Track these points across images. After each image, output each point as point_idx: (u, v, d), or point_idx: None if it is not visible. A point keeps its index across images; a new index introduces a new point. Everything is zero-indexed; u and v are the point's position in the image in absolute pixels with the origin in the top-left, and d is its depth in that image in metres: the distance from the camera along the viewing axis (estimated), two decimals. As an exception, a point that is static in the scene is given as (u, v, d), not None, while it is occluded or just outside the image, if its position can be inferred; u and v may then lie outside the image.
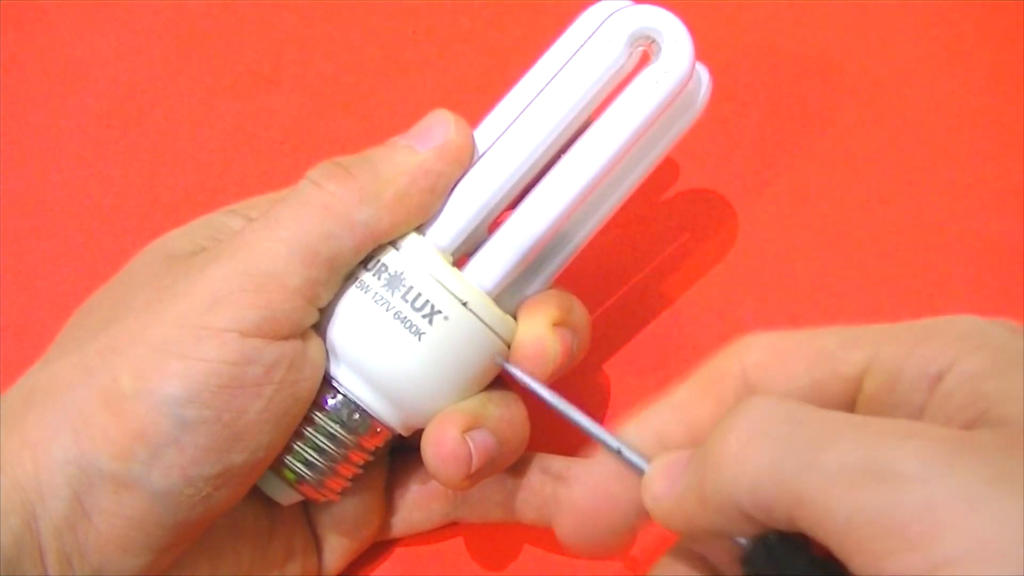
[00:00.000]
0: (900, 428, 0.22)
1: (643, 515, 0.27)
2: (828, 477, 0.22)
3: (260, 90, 0.49)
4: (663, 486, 0.26)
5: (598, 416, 0.40)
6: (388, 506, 0.38)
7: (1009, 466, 0.21)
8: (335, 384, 0.33)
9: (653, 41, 0.33)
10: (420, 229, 0.33)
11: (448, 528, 0.39)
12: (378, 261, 0.33)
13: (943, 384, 0.23)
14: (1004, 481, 0.20)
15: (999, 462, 0.21)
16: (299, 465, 0.33)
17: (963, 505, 0.20)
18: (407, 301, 0.32)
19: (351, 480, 0.35)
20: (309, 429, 0.33)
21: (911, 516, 0.20)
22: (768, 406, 0.24)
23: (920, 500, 0.21)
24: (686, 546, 0.27)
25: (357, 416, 0.33)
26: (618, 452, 0.27)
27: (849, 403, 0.25)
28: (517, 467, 0.36)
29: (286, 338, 0.31)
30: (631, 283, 0.43)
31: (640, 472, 0.27)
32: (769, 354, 0.26)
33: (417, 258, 0.33)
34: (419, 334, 0.32)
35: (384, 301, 0.32)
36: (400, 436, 0.34)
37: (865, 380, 0.25)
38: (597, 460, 0.28)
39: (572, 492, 0.29)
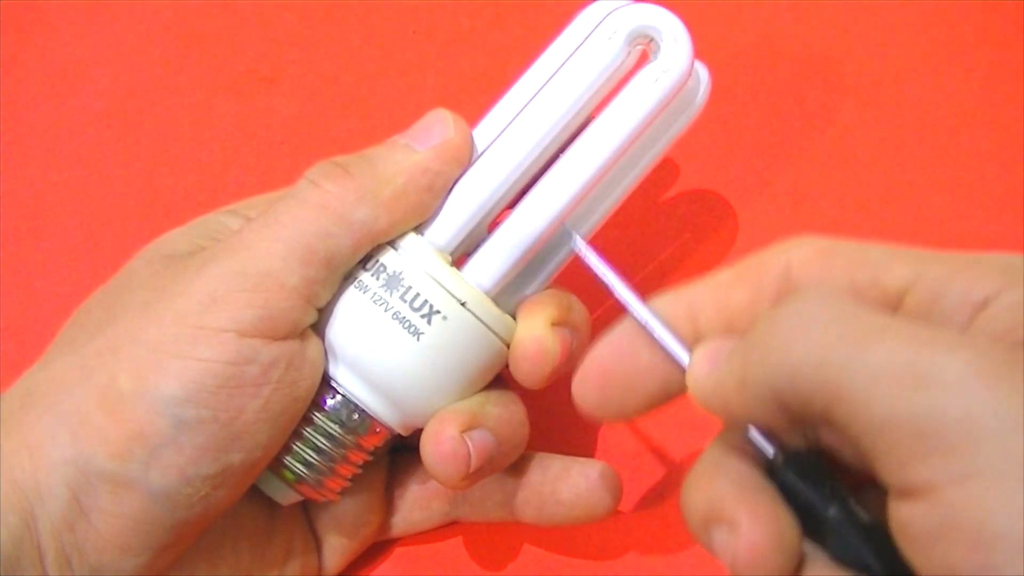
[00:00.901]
0: (950, 337, 0.22)
1: (663, 385, 0.27)
2: (872, 373, 0.21)
3: (260, 90, 0.49)
4: (705, 368, 0.25)
5: (595, 425, 0.40)
6: (388, 506, 0.38)
7: None
8: (334, 384, 0.33)
9: (652, 40, 0.33)
10: (419, 229, 0.33)
11: (448, 528, 0.39)
12: (376, 261, 0.33)
13: (987, 310, 0.23)
14: None
15: None
16: (298, 465, 0.33)
17: (1002, 421, 0.20)
18: (406, 301, 0.32)
19: (350, 480, 0.35)
20: (308, 429, 0.33)
21: (949, 423, 0.21)
22: (822, 299, 0.23)
23: (961, 409, 0.21)
24: (727, 442, 0.26)
25: (356, 416, 0.33)
26: (657, 330, 0.27)
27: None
28: (517, 467, 0.36)
29: (284, 338, 0.31)
30: (631, 283, 0.43)
31: (678, 353, 0.26)
32: (814, 254, 0.25)
33: (415, 258, 0.33)
34: (418, 334, 0.32)
35: (383, 301, 0.32)
36: (399, 436, 0.34)
37: (907, 296, 0.24)
38: (625, 325, 0.28)
39: (596, 348, 0.28)
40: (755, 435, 0.25)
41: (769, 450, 0.25)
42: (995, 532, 0.20)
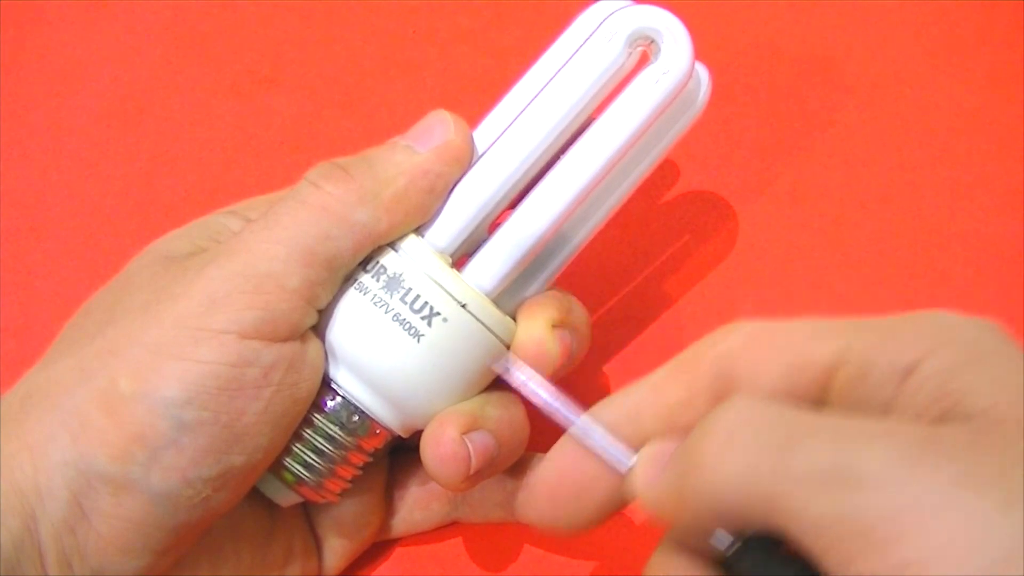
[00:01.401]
0: (867, 429, 0.22)
1: (612, 494, 0.27)
2: (798, 480, 0.22)
3: (260, 90, 0.49)
4: (646, 479, 0.26)
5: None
6: (388, 507, 0.38)
7: (974, 464, 0.21)
8: (334, 386, 0.33)
9: (652, 41, 0.33)
10: (419, 230, 0.33)
11: (448, 528, 0.39)
12: (377, 263, 0.33)
13: (913, 377, 0.24)
14: (968, 481, 0.21)
15: (964, 460, 0.21)
16: (298, 467, 0.33)
17: (927, 508, 0.21)
18: (406, 303, 0.32)
19: (350, 481, 0.35)
20: (308, 431, 0.33)
21: (876, 519, 0.21)
22: (743, 408, 0.24)
23: (885, 503, 0.21)
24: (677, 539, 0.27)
25: (356, 418, 0.33)
26: (599, 446, 0.27)
27: (821, 393, 0.25)
28: (517, 467, 0.36)
29: (285, 340, 0.31)
30: (631, 284, 0.43)
31: (620, 461, 0.27)
32: (745, 342, 0.26)
33: (416, 260, 0.33)
34: (418, 336, 0.32)
35: (383, 303, 0.32)
36: (399, 437, 0.34)
37: (838, 371, 0.25)
38: (567, 439, 0.28)
39: (541, 466, 0.28)
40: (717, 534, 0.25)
41: (723, 543, 0.25)
42: None
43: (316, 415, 0.33)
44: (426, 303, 0.32)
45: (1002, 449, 0.21)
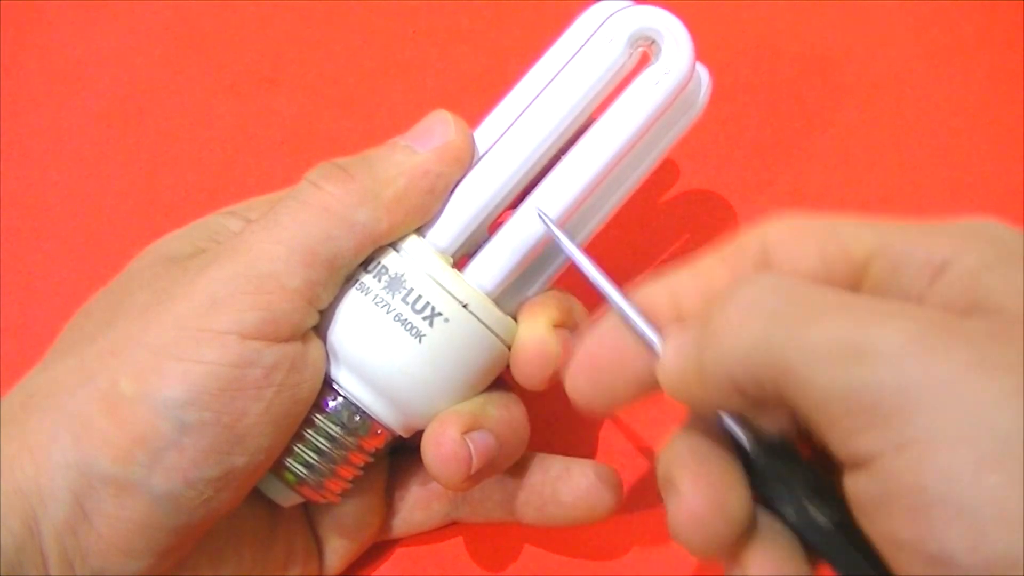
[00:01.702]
0: (887, 307, 0.22)
1: (651, 373, 0.27)
2: (811, 351, 0.22)
3: (260, 90, 0.49)
4: (671, 359, 0.26)
5: (598, 418, 0.40)
6: (389, 507, 0.38)
7: (993, 352, 0.21)
8: (335, 386, 0.33)
9: (653, 42, 0.33)
10: (420, 230, 0.33)
11: (448, 528, 0.39)
12: (378, 263, 0.33)
13: (945, 275, 0.24)
14: (984, 367, 0.21)
15: (983, 348, 0.21)
16: (299, 467, 0.33)
17: (937, 386, 0.21)
18: (407, 303, 0.32)
19: (351, 482, 0.35)
20: (309, 431, 0.33)
21: (884, 394, 0.21)
22: (766, 281, 0.24)
23: (893, 379, 0.21)
24: (699, 422, 0.27)
25: (357, 418, 0.33)
26: (632, 321, 0.27)
27: (856, 285, 0.25)
28: (517, 467, 0.36)
29: (286, 340, 0.31)
30: (631, 284, 0.43)
31: (655, 343, 0.27)
32: (788, 232, 0.26)
33: (417, 260, 0.33)
34: (419, 336, 0.32)
35: (384, 303, 0.32)
36: (400, 437, 0.34)
37: (871, 264, 0.25)
38: (611, 316, 0.28)
39: (585, 340, 0.28)
40: (729, 423, 0.26)
41: (743, 439, 0.26)
42: (931, 498, 0.20)
43: (317, 415, 0.33)
44: (427, 303, 0.32)
45: (1018, 340, 0.21)
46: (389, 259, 0.33)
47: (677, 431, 0.27)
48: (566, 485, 0.36)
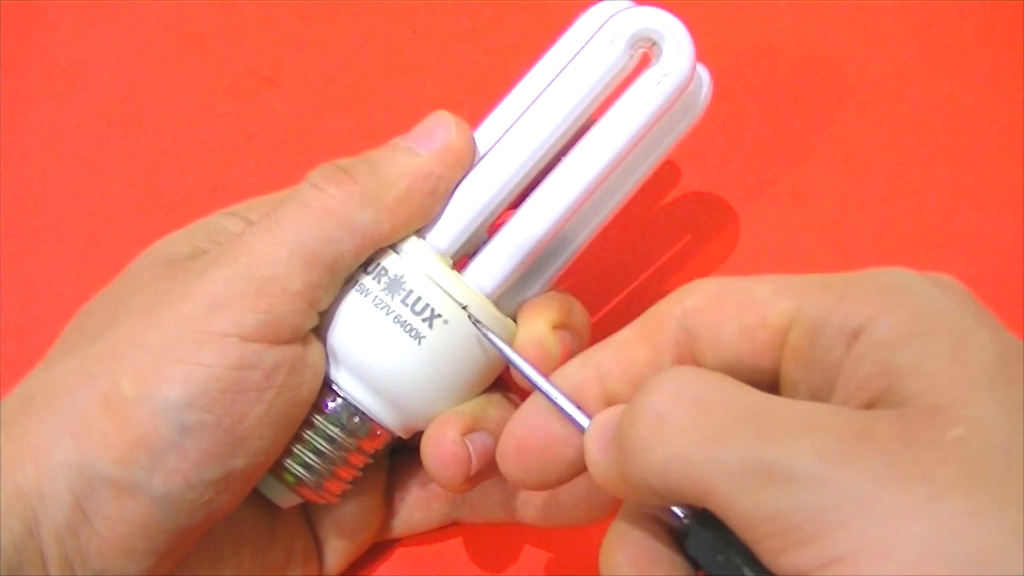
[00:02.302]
0: (799, 421, 0.23)
1: (577, 459, 0.28)
2: (728, 473, 0.22)
3: (260, 90, 0.49)
4: (595, 452, 0.26)
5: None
6: (388, 507, 0.38)
7: (904, 460, 0.21)
8: (335, 388, 0.33)
9: (654, 43, 0.33)
10: (420, 232, 0.33)
11: (448, 528, 0.39)
12: (378, 264, 0.33)
13: (859, 343, 0.24)
14: (895, 477, 0.21)
15: (892, 456, 0.21)
16: (298, 468, 0.33)
17: (853, 505, 0.21)
18: (407, 305, 0.32)
19: (350, 483, 0.35)
20: (309, 432, 0.33)
21: (803, 517, 0.21)
22: (670, 388, 0.24)
23: (812, 501, 0.21)
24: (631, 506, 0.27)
25: (357, 419, 0.33)
26: (561, 407, 0.28)
27: (776, 352, 0.26)
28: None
29: (286, 342, 0.31)
30: (632, 285, 0.43)
31: (581, 428, 0.27)
32: (705, 300, 0.26)
33: (417, 262, 0.33)
34: (419, 338, 0.32)
35: (384, 305, 0.32)
36: (400, 438, 0.34)
37: (791, 331, 0.25)
38: (536, 398, 0.29)
39: (511, 424, 0.29)
40: (658, 512, 0.26)
41: (678, 516, 0.26)
42: None
43: (317, 417, 0.33)
44: (427, 305, 0.32)
45: (928, 442, 0.21)
46: (389, 261, 0.33)
47: (614, 527, 0.27)
48: (566, 486, 0.36)
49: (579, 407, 0.28)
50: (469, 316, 0.32)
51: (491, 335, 0.32)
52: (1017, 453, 0.21)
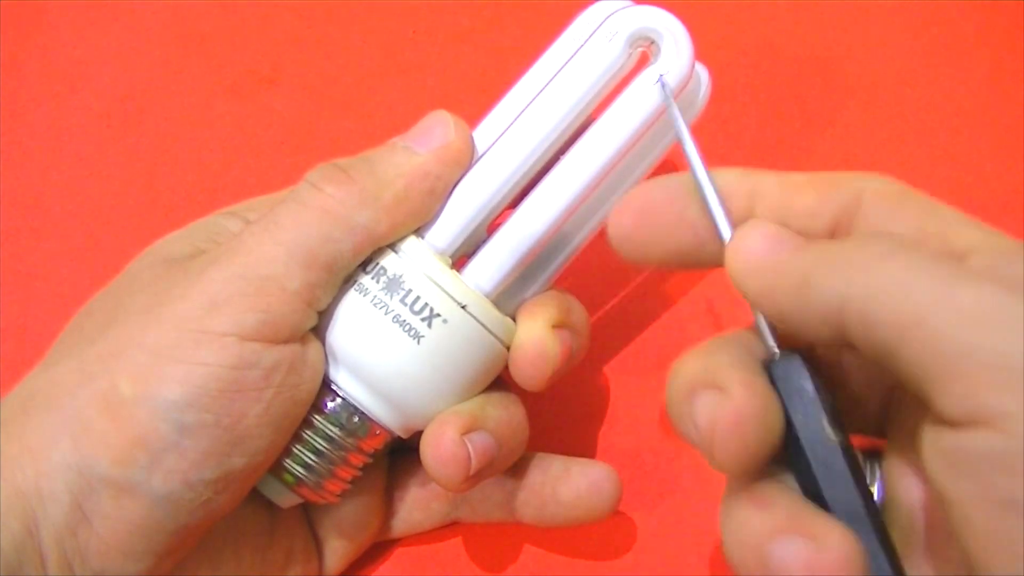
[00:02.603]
0: (1005, 278, 0.22)
1: (697, 248, 0.27)
2: (962, 309, 0.22)
3: (260, 90, 0.49)
4: (763, 248, 0.26)
5: (598, 418, 0.40)
6: (388, 507, 0.38)
7: None
8: (334, 387, 0.33)
9: (652, 42, 0.33)
10: (419, 231, 0.33)
11: (448, 528, 0.39)
12: (377, 264, 0.33)
13: None
14: None
15: None
16: (298, 468, 0.33)
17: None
18: (406, 304, 0.32)
19: (350, 482, 0.35)
20: (308, 432, 0.33)
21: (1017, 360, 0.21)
22: (908, 241, 0.24)
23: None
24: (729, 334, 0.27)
25: (356, 419, 0.33)
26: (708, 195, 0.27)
27: None
28: (517, 467, 0.36)
29: (285, 342, 0.31)
30: (631, 284, 0.43)
31: (723, 225, 0.27)
32: (889, 193, 0.26)
33: (415, 261, 0.33)
34: (418, 337, 0.32)
35: (383, 304, 0.32)
36: (399, 438, 0.34)
37: (970, 259, 0.24)
38: (684, 177, 0.28)
39: (649, 185, 0.28)
40: (763, 324, 0.26)
41: (772, 344, 0.26)
42: None
43: (316, 416, 0.33)
44: (426, 304, 0.32)
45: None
46: (388, 260, 0.33)
47: (709, 341, 0.27)
48: (566, 485, 0.36)
49: (724, 204, 0.27)
50: (661, 82, 0.31)
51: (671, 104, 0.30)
52: None
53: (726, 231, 0.27)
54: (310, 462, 0.33)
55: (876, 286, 0.23)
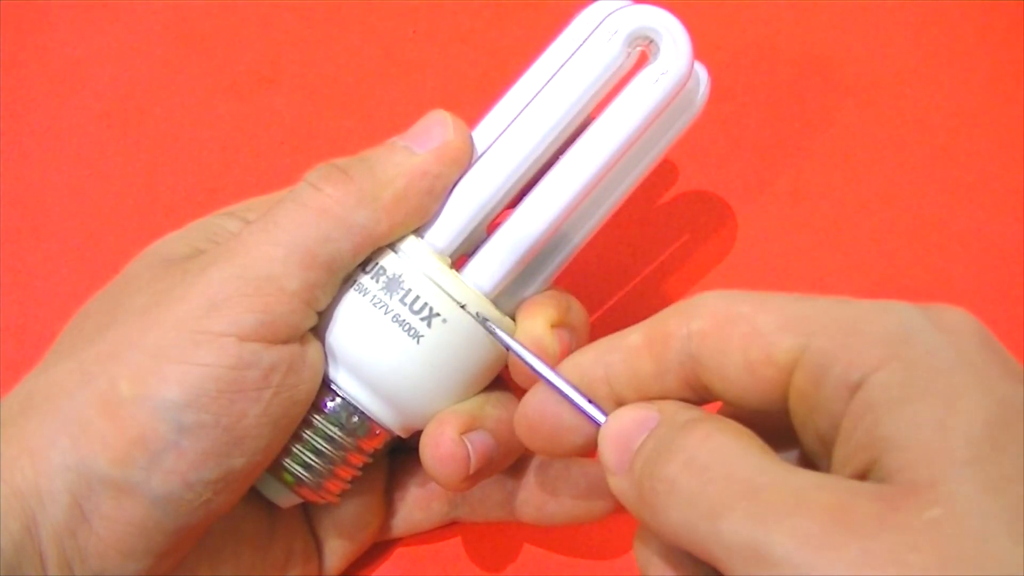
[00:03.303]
0: (786, 501, 0.23)
1: (587, 441, 0.28)
2: (724, 546, 0.23)
3: (260, 90, 0.49)
4: (612, 462, 0.27)
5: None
6: (388, 507, 0.38)
7: (876, 546, 0.21)
8: (334, 387, 0.33)
9: (651, 41, 0.33)
10: (418, 231, 0.33)
11: (448, 528, 0.39)
12: (376, 264, 0.33)
13: (855, 402, 0.24)
14: (867, 566, 0.21)
15: (868, 542, 0.21)
16: (297, 468, 0.33)
17: None
18: (405, 304, 0.32)
19: (350, 482, 0.35)
20: (308, 432, 0.33)
21: None
22: (687, 455, 0.25)
23: None
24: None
25: (356, 419, 0.33)
26: (576, 404, 0.29)
27: (783, 389, 0.25)
28: (517, 467, 0.36)
29: (284, 342, 0.31)
30: (630, 284, 0.43)
31: (596, 421, 0.28)
32: (711, 325, 0.26)
33: (415, 261, 0.33)
34: (417, 337, 0.32)
35: (382, 304, 0.32)
36: (399, 437, 0.34)
37: (796, 372, 0.25)
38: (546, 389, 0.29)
39: (524, 402, 0.30)
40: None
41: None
42: None
43: (316, 416, 0.33)
44: (425, 304, 0.32)
45: (904, 525, 0.21)
46: (387, 260, 0.33)
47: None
48: (565, 485, 0.36)
49: (591, 401, 0.28)
50: (476, 316, 0.32)
51: (499, 332, 0.32)
52: (995, 536, 0.21)
53: (600, 419, 0.28)
54: (310, 462, 0.33)
55: (672, 532, 0.24)
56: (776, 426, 0.26)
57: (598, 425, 0.28)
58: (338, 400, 0.33)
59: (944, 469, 0.22)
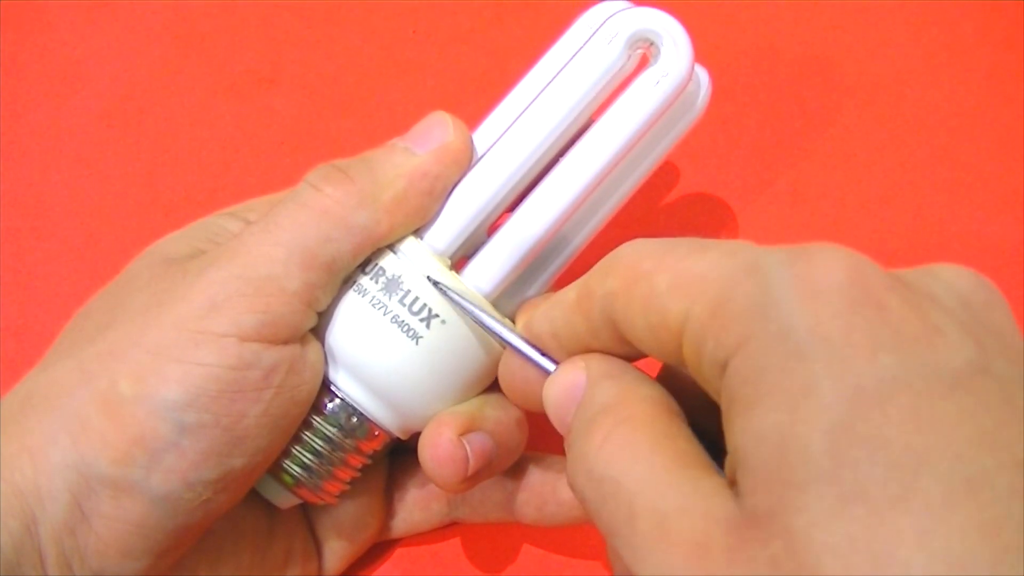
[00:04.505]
0: (653, 533, 0.23)
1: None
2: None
3: (260, 90, 0.49)
4: (554, 420, 0.28)
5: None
6: (387, 508, 0.38)
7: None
8: (333, 388, 0.33)
9: (652, 43, 0.33)
10: (418, 232, 0.33)
11: (448, 528, 0.39)
12: (376, 265, 0.33)
13: (722, 391, 0.23)
14: None
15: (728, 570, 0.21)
16: (297, 468, 0.33)
17: None
18: (404, 305, 0.32)
19: (349, 483, 0.35)
20: (307, 433, 0.33)
21: None
22: (586, 465, 0.25)
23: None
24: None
25: (355, 420, 0.33)
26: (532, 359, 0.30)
27: (679, 356, 0.25)
28: (516, 467, 0.36)
29: (285, 342, 0.31)
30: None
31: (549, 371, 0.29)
32: (620, 284, 0.26)
33: (415, 262, 0.33)
34: (416, 338, 0.32)
35: (382, 305, 0.32)
36: (398, 439, 0.34)
37: (683, 340, 0.24)
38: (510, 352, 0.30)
39: (500, 365, 0.31)
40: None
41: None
42: None
43: (315, 417, 0.33)
44: (424, 305, 0.32)
45: (749, 560, 0.21)
46: (387, 261, 0.33)
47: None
48: (565, 485, 0.36)
49: (544, 354, 0.29)
50: (429, 279, 0.32)
51: (455, 296, 0.32)
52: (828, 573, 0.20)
53: (551, 368, 0.29)
54: (309, 463, 0.33)
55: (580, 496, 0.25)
56: None
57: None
58: (337, 401, 0.33)
59: (781, 497, 0.20)
